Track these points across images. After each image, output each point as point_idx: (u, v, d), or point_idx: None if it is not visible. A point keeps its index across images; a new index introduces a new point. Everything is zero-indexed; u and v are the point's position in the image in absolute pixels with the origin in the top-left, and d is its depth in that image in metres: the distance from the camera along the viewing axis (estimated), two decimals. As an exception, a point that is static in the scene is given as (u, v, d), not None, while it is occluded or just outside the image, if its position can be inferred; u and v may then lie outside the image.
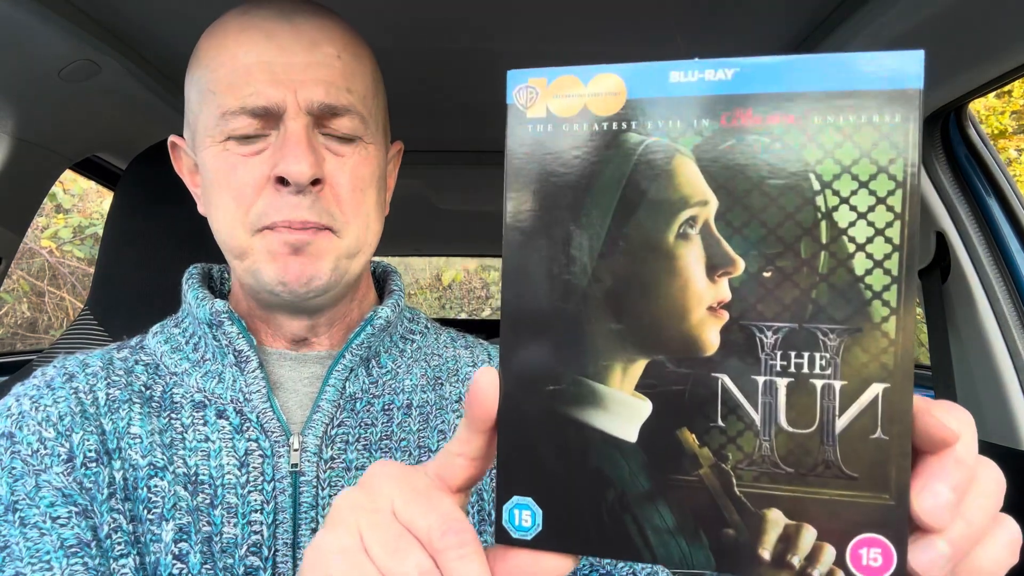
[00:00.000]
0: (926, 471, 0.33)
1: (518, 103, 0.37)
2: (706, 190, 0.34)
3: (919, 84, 0.32)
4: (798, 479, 0.34)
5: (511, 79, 0.37)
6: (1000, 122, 4.77)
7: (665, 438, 0.35)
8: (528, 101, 0.37)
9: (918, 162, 0.32)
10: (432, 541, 0.36)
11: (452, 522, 0.36)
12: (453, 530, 0.36)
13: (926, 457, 0.33)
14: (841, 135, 0.33)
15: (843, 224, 0.33)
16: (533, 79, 0.37)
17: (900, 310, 0.33)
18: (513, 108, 0.37)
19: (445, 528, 0.36)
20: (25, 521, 0.56)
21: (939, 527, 0.32)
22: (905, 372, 0.33)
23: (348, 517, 0.38)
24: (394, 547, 0.36)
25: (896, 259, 0.33)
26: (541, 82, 0.37)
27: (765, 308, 0.34)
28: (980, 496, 0.33)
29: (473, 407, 0.37)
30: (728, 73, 0.34)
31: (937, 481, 0.32)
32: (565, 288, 0.36)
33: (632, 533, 0.36)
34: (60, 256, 5.05)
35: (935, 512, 0.32)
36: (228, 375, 0.65)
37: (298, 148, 0.61)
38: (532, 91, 0.37)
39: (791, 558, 0.34)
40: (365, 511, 0.37)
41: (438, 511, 0.37)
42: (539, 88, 0.37)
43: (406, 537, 0.36)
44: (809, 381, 0.34)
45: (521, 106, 0.37)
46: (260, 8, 0.64)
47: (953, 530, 0.32)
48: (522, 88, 0.37)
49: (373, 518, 0.37)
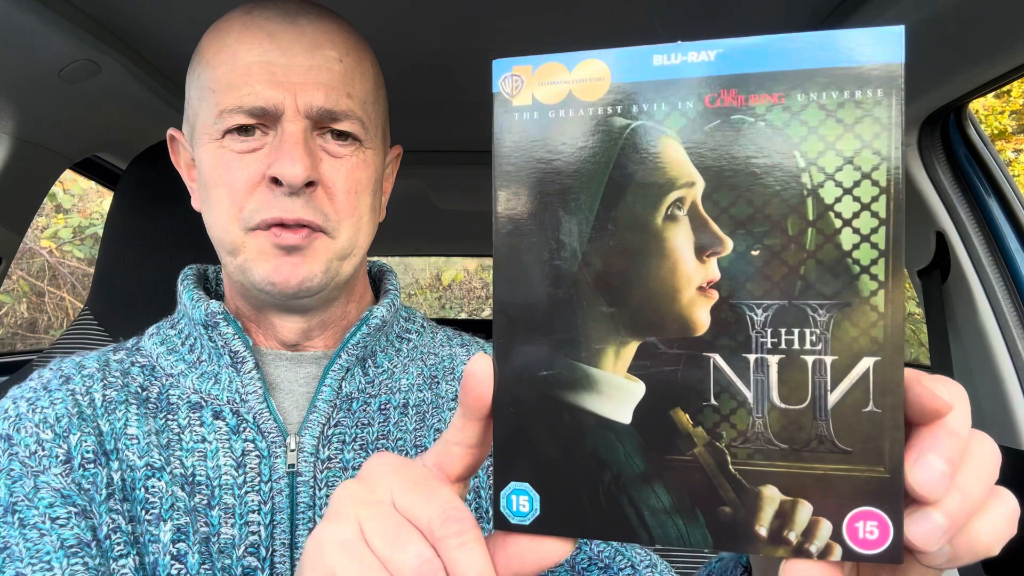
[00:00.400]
0: (919, 443, 0.33)
1: (504, 92, 0.37)
2: (692, 171, 0.35)
3: (900, 59, 0.33)
4: (792, 455, 0.34)
5: (496, 68, 0.37)
6: (999, 122, 4.72)
7: (659, 419, 0.35)
8: (514, 89, 0.37)
9: (901, 137, 0.33)
10: (432, 530, 0.36)
11: (452, 511, 0.36)
12: (453, 518, 0.36)
13: (919, 429, 0.33)
14: (824, 112, 0.33)
15: (829, 200, 0.33)
16: (518, 67, 0.37)
17: (888, 283, 0.33)
18: (499, 97, 0.37)
19: (445, 517, 0.36)
20: (24, 522, 0.56)
21: (934, 499, 0.32)
22: (895, 344, 0.33)
23: (347, 509, 0.38)
24: (394, 537, 0.36)
25: (883, 233, 0.33)
26: (526, 70, 0.37)
27: (754, 286, 0.34)
28: (975, 467, 0.33)
29: (468, 394, 0.37)
30: (711, 55, 0.35)
31: (930, 452, 0.33)
32: (556, 273, 0.36)
33: (629, 514, 0.36)
34: (60, 256, 5.05)
35: (929, 484, 0.32)
36: (224, 376, 0.66)
37: (294, 150, 0.61)
38: (518, 79, 0.37)
39: (788, 534, 0.34)
40: (364, 503, 0.38)
41: (437, 500, 0.37)
42: (524, 76, 0.37)
43: (406, 527, 0.37)
44: (800, 357, 0.34)
45: (507, 95, 0.37)
46: (264, 9, 0.65)
47: (949, 502, 0.32)
48: (507, 77, 0.37)
49: (373, 509, 0.37)
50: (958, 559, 0.33)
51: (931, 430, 0.33)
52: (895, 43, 0.33)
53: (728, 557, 0.51)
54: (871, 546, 0.33)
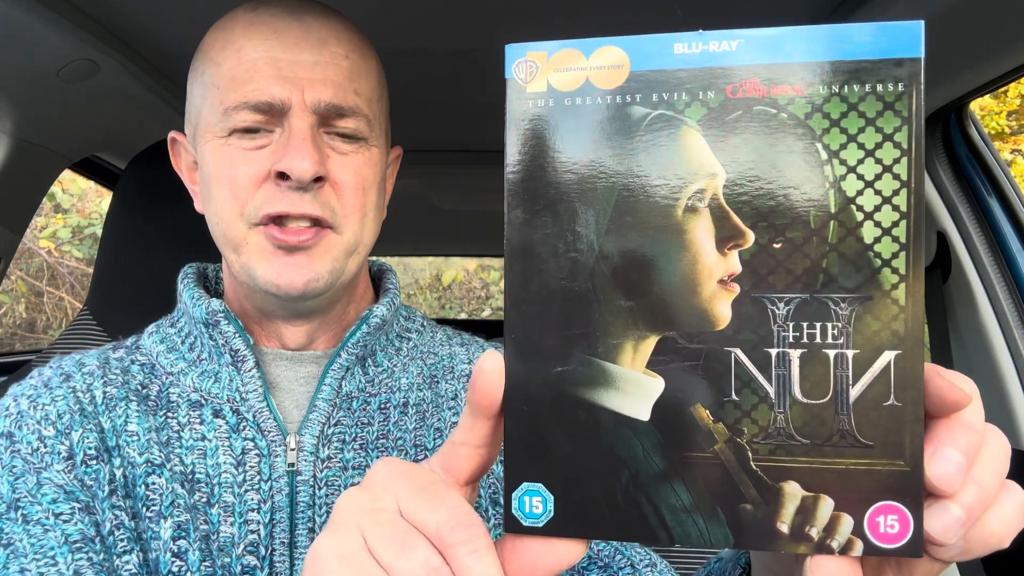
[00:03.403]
0: (937, 436, 0.33)
1: (517, 78, 0.36)
2: (714, 162, 0.34)
3: (919, 53, 0.33)
4: (814, 450, 0.34)
5: (510, 53, 0.36)
6: (997, 123, 4.69)
7: (679, 415, 0.35)
8: (528, 76, 0.36)
9: (923, 130, 0.33)
10: (442, 537, 0.35)
11: (461, 516, 0.35)
12: (463, 524, 0.35)
13: (936, 422, 0.34)
14: (846, 105, 0.33)
15: (851, 193, 0.33)
16: (532, 53, 0.36)
17: (909, 277, 0.33)
18: (512, 83, 0.36)
19: (454, 523, 0.35)
20: (28, 518, 0.56)
21: (951, 491, 0.33)
22: (916, 338, 0.33)
23: (349, 520, 0.36)
24: (400, 545, 0.35)
25: (904, 226, 0.33)
26: (541, 56, 0.36)
27: (776, 279, 0.34)
28: (989, 460, 0.33)
29: (477, 392, 0.36)
30: (732, 44, 0.34)
31: (948, 446, 0.33)
32: (572, 266, 0.35)
33: (648, 514, 0.35)
34: (59, 256, 5.00)
35: (948, 477, 0.32)
36: (224, 374, 0.65)
37: (303, 146, 0.60)
38: (532, 65, 0.36)
39: (809, 530, 0.33)
40: (367, 512, 0.36)
41: (446, 506, 0.35)
42: (539, 62, 0.36)
43: (412, 534, 0.35)
44: (822, 351, 0.34)
45: (520, 80, 0.36)
46: (270, 6, 0.64)
47: (965, 494, 0.33)
48: (521, 62, 0.36)
49: (377, 517, 0.36)
50: (970, 552, 0.34)
51: (947, 423, 0.33)
52: (915, 37, 0.33)
53: (727, 557, 0.51)
54: (892, 540, 0.33)
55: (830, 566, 0.33)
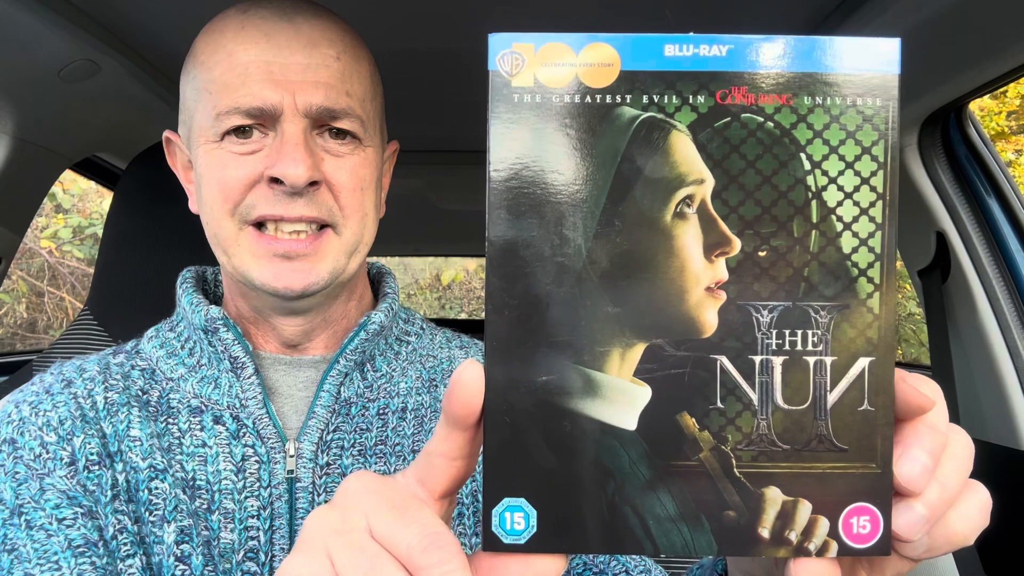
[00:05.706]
0: (904, 439, 0.35)
1: (502, 70, 0.34)
2: (703, 168, 0.34)
3: (896, 69, 0.34)
4: (794, 455, 0.34)
5: (493, 43, 0.34)
6: (997, 123, 4.71)
7: (665, 424, 0.34)
8: (513, 68, 0.34)
9: (898, 144, 0.34)
10: (412, 557, 0.32)
11: (433, 536, 0.33)
12: (435, 545, 0.32)
13: (902, 425, 0.35)
14: (829, 116, 0.34)
15: (832, 203, 0.34)
16: (519, 44, 0.34)
17: (883, 286, 0.34)
18: (496, 75, 0.34)
19: (426, 544, 0.32)
20: (32, 523, 0.57)
21: (917, 491, 0.34)
22: (888, 345, 0.34)
23: (316, 541, 0.33)
24: (368, 568, 0.32)
25: (879, 237, 0.34)
26: (528, 48, 0.34)
27: (761, 287, 0.34)
28: (953, 460, 0.35)
29: (454, 402, 0.34)
30: (723, 50, 0.34)
31: (915, 447, 0.34)
32: (558, 270, 0.34)
33: (633, 525, 0.34)
34: (60, 256, 5.06)
35: (915, 477, 0.34)
36: (224, 381, 0.65)
37: (296, 151, 0.60)
38: (518, 57, 0.34)
39: (789, 534, 0.34)
40: (336, 532, 0.33)
41: (417, 524, 0.33)
42: (525, 55, 0.34)
43: (381, 556, 0.33)
44: (802, 358, 0.34)
45: (505, 73, 0.34)
46: (260, 8, 0.63)
47: (929, 493, 0.34)
48: (506, 54, 0.34)
49: (345, 539, 0.33)
50: (935, 549, 0.36)
51: (913, 426, 0.35)
52: (891, 53, 0.34)
53: (706, 564, 0.52)
54: (863, 540, 0.34)
55: (813, 568, 0.34)
